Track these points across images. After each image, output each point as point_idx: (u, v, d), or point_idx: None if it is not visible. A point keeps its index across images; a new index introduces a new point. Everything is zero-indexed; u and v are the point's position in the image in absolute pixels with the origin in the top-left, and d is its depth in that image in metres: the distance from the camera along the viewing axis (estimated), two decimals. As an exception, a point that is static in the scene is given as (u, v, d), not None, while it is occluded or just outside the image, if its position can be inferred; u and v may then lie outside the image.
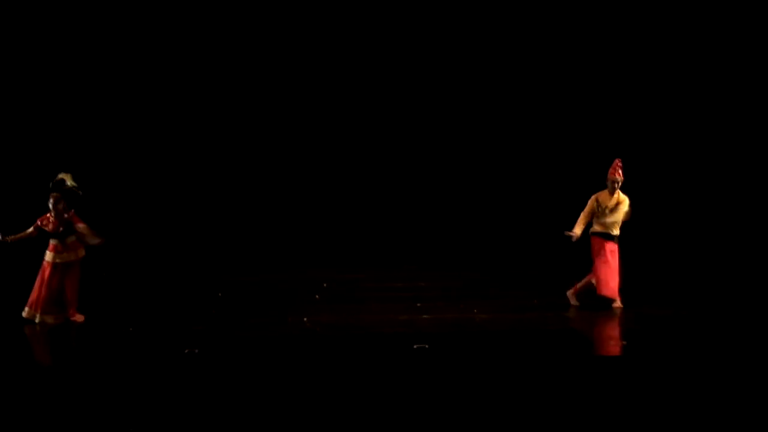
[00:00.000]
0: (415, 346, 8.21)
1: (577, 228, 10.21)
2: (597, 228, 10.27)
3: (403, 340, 8.52)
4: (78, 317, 9.70)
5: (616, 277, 10.20)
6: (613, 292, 10.17)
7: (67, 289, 9.60)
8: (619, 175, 10.21)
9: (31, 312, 9.55)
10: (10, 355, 8.33)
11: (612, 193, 10.24)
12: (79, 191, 9.60)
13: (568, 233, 10.17)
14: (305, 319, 9.69)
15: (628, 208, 10.29)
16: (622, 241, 10.36)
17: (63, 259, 9.56)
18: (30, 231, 9.55)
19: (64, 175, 9.58)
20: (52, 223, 9.52)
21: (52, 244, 9.58)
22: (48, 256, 9.57)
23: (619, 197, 10.26)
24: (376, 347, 8.46)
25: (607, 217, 10.22)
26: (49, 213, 9.53)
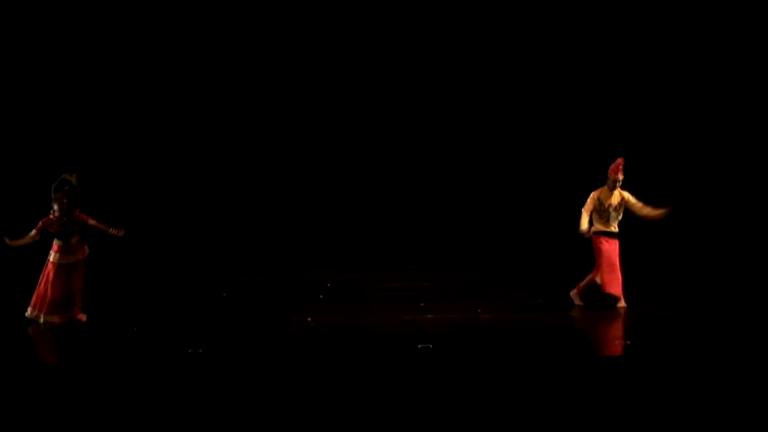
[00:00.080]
0: (419, 346, 8.22)
1: (585, 225, 10.16)
2: (599, 226, 10.26)
3: (407, 340, 8.52)
4: (81, 316, 9.73)
5: (620, 275, 10.21)
6: (618, 290, 10.19)
7: (75, 289, 9.62)
8: (621, 174, 10.21)
9: (34, 312, 9.55)
10: (14, 355, 8.34)
11: (612, 191, 10.24)
12: (78, 191, 9.61)
13: (581, 231, 10.14)
14: (309, 319, 9.70)
15: (639, 202, 10.29)
16: (623, 241, 10.37)
17: (68, 259, 9.56)
18: (33, 234, 9.48)
19: (67, 176, 9.58)
20: (57, 224, 9.54)
21: (56, 244, 9.57)
22: (53, 257, 9.56)
23: (620, 194, 10.28)
24: (380, 347, 8.46)
25: (609, 215, 10.23)
26: (52, 214, 9.52)
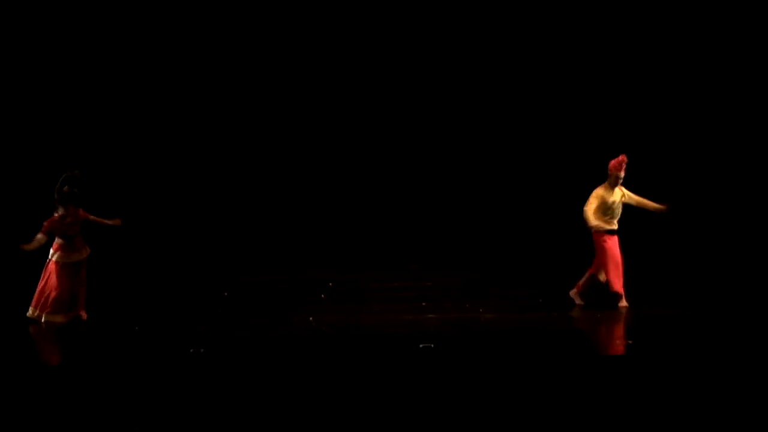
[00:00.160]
0: (421, 346, 8.22)
1: (596, 221, 10.15)
2: (602, 224, 10.18)
3: (409, 339, 8.52)
4: (83, 313, 9.74)
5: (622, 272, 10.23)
6: (621, 287, 10.18)
7: (78, 288, 9.63)
8: (624, 172, 10.19)
9: (35, 312, 9.54)
10: (16, 356, 8.34)
11: (613, 188, 10.21)
12: (82, 188, 9.62)
13: (595, 226, 10.10)
14: (311, 318, 9.70)
15: (639, 197, 10.31)
16: (624, 240, 10.36)
17: (73, 258, 9.56)
18: (40, 238, 9.45)
19: (70, 174, 9.58)
20: (62, 224, 9.52)
21: (58, 244, 9.54)
22: (57, 257, 9.53)
23: (621, 191, 10.26)
24: (382, 347, 8.46)
25: (613, 212, 10.20)
26: (56, 214, 9.52)
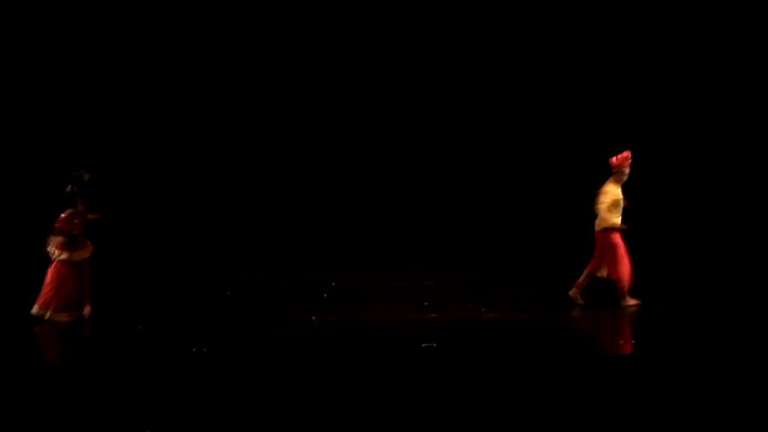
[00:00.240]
0: (423, 346, 8.21)
1: (614, 219, 10.14)
2: (612, 222, 10.13)
3: (411, 339, 8.52)
4: (88, 308, 9.76)
5: None
6: (628, 284, 10.20)
7: (84, 287, 9.65)
8: (630, 168, 10.17)
9: (41, 310, 9.55)
10: (20, 354, 8.35)
11: (620, 185, 10.18)
12: (89, 188, 9.66)
13: (622, 227, 10.13)
14: (313, 318, 9.70)
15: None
16: (627, 239, 10.35)
17: (80, 257, 9.61)
18: (61, 240, 9.53)
19: (77, 174, 9.63)
20: (74, 223, 9.57)
21: (63, 242, 9.58)
22: (64, 255, 9.56)
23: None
24: (384, 346, 8.46)
25: (620, 209, 10.17)
26: (68, 213, 9.56)
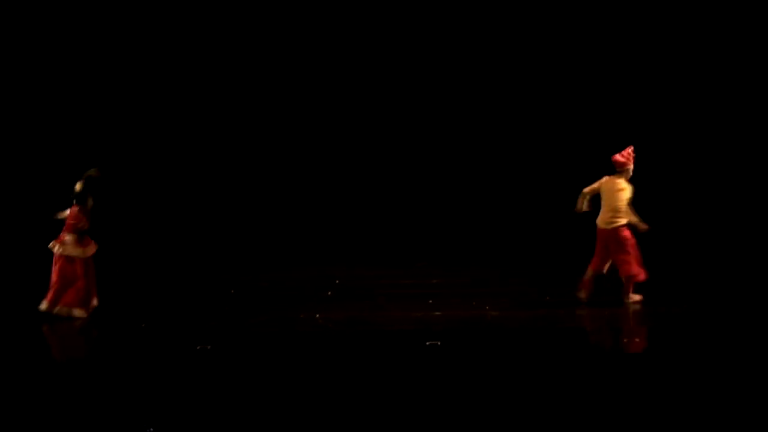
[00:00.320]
0: (428, 343, 8.21)
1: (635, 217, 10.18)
2: (626, 218, 10.16)
3: (415, 337, 8.52)
4: (95, 301, 9.84)
5: None
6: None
7: (93, 281, 9.73)
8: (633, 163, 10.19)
9: (52, 306, 9.57)
10: (25, 352, 8.36)
11: (628, 180, 10.18)
12: (98, 186, 9.77)
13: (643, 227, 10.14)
14: (317, 315, 9.70)
15: None
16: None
17: (90, 252, 9.68)
18: (76, 237, 9.59)
19: (90, 172, 9.70)
20: (86, 220, 9.64)
21: (73, 239, 9.61)
22: (78, 252, 9.59)
23: None
24: (389, 344, 8.47)
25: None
26: (79, 209, 9.61)
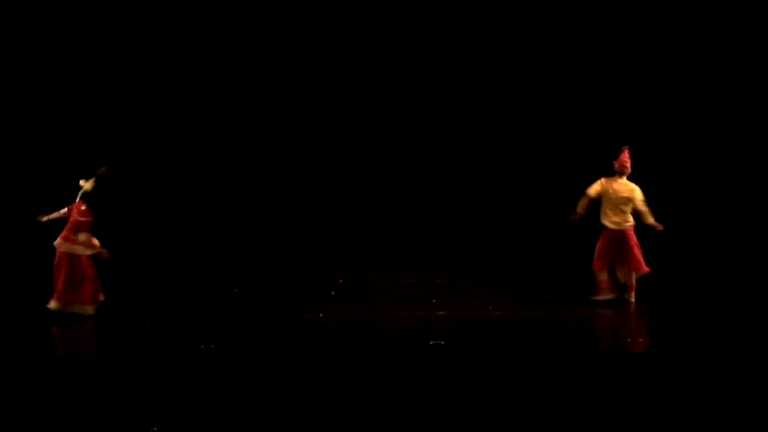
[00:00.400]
0: (431, 343, 8.22)
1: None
2: (632, 220, 10.21)
3: (419, 336, 8.52)
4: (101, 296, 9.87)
5: None
6: None
7: (97, 277, 9.78)
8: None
9: (79, 308, 9.59)
10: (29, 350, 8.37)
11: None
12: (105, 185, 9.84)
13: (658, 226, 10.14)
14: (320, 315, 9.70)
15: None
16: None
17: (95, 250, 9.71)
18: (88, 234, 9.63)
19: (100, 171, 9.75)
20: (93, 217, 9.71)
21: (84, 236, 9.64)
22: (89, 251, 9.62)
23: None
24: (392, 344, 8.47)
25: None
26: (87, 207, 9.64)
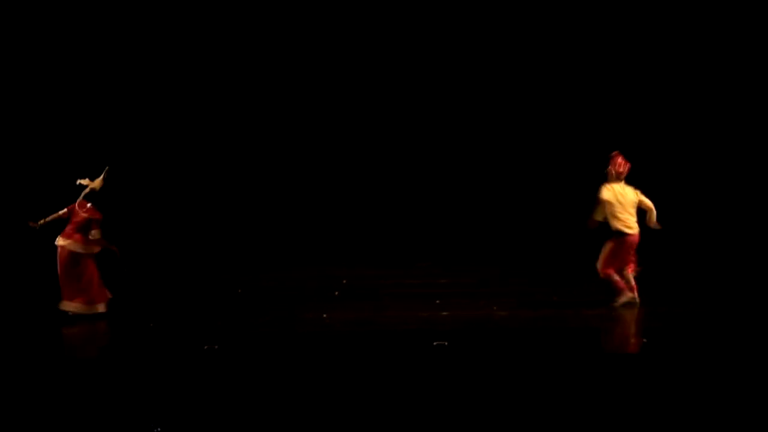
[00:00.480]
0: (435, 344, 8.22)
1: None
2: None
3: (422, 337, 8.52)
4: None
5: None
6: None
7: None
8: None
9: (97, 306, 9.64)
10: (36, 352, 8.38)
11: None
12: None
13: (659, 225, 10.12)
14: (324, 315, 9.71)
15: None
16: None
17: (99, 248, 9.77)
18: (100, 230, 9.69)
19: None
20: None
21: (99, 232, 9.68)
22: (97, 248, 9.67)
23: None
24: (396, 344, 8.47)
25: None
26: (93, 206, 9.68)
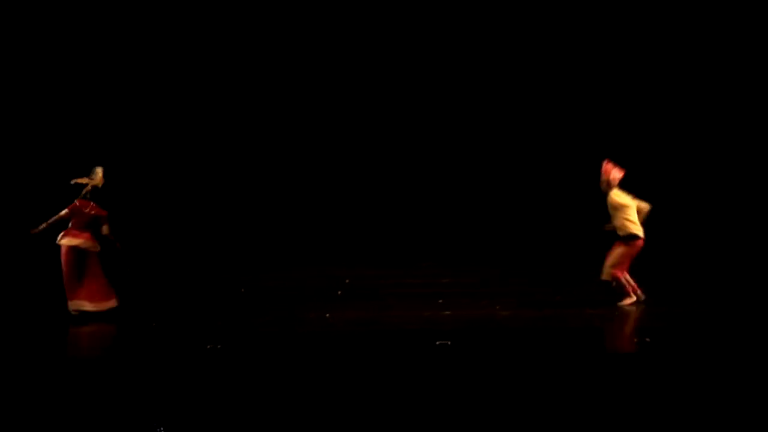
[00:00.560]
0: (438, 343, 8.22)
1: None
2: None
3: (425, 336, 8.52)
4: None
5: None
6: None
7: None
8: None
9: (88, 305, 9.62)
10: (39, 351, 8.39)
11: None
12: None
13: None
14: (327, 315, 9.71)
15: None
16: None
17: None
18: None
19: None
20: None
21: (93, 234, 9.69)
22: (97, 247, 9.67)
23: None
24: (398, 344, 8.47)
25: None
26: (95, 203, 9.68)
